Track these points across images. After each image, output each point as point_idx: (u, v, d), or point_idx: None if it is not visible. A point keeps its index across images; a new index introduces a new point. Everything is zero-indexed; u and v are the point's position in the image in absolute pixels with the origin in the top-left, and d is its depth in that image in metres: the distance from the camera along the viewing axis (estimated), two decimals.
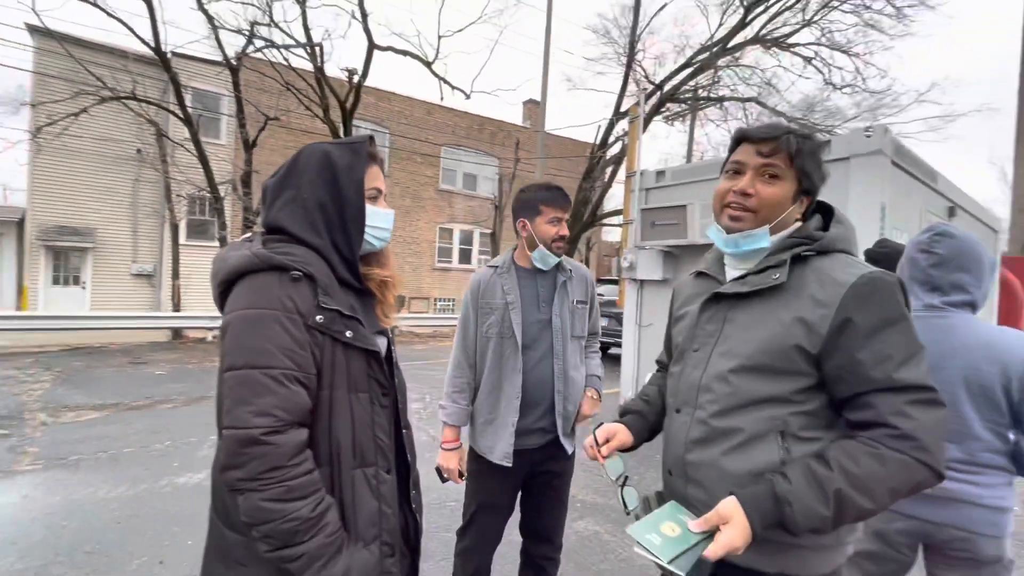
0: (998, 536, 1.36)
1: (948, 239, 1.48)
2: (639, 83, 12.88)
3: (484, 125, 19.95)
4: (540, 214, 1.72)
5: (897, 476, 0.83)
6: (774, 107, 12.21)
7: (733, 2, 11.24)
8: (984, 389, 1.35)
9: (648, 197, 6.14)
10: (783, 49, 11.45)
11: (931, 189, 5.34)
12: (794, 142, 0.98)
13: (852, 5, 10.47)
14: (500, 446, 1.69)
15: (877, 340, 0.87)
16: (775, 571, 0.95)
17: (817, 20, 11.20)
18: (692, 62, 12.43)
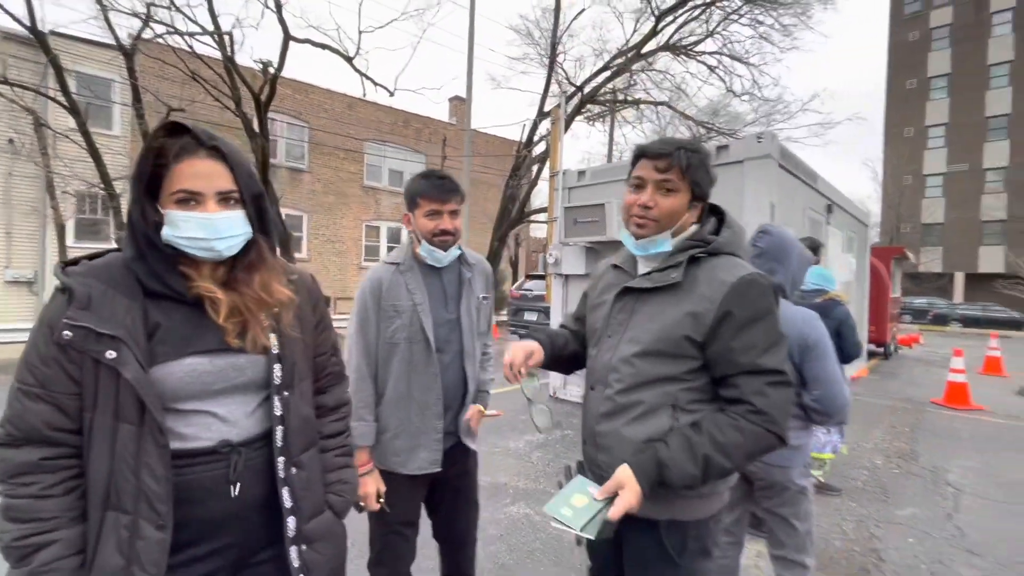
0: (787, 466, 1.78)
1: (767, 236, 1.82)
2: (561, 84, 13.32)
3: (410, 121, 19.63)
4: (418, 207, 1.57)
5: (752, 443, 1.04)
6: (683, 111, 13.11)
7: (645, 11, 11.92)
8: None
9: (570, 195, 6.42)
10: (690, 57, 12.35)
11: (812, 189, 6.06)
12: (685, 157, 1.14)
13: (748, 19, 11.50)
14: (422, 455, 1.56)
15: (747, 332, 1.07)
16: (667, 518, 1.14)
17: (719, 31, 12.17)
18: (610, 66, 13.03)
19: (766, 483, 1.84)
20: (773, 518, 1.88)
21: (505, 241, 15.93)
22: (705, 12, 12.12)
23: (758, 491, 1.89)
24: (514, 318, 10.57)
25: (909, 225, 33.85)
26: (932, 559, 2.78)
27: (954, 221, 33.16)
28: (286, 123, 16.35)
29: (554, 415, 1.25)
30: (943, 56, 34.18)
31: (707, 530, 1.17)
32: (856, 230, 8.31)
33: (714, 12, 12.20)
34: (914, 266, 21.60)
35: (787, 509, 1.83)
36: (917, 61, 35.12)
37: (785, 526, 1.85)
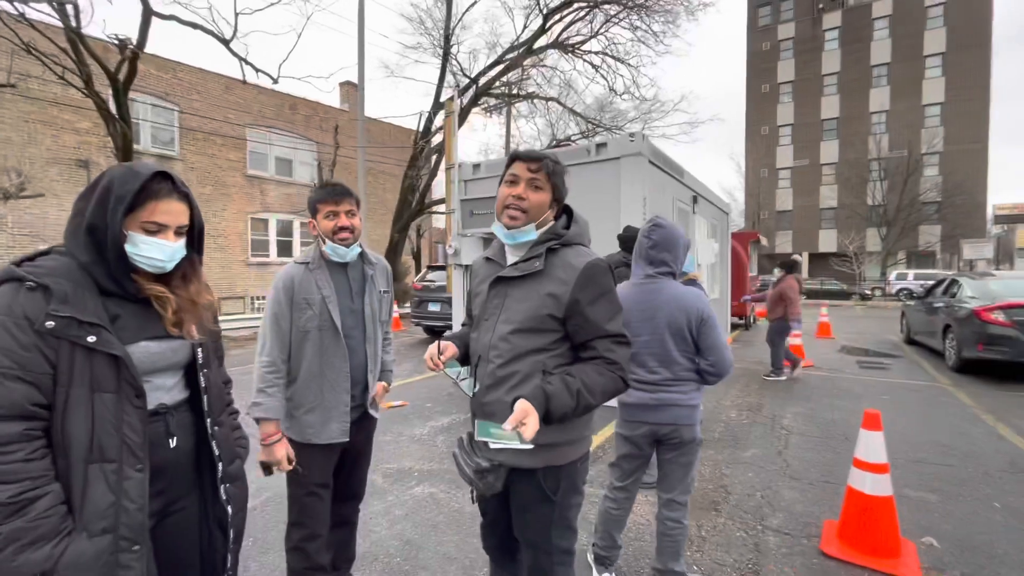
0: (692, 423, 2.11)
1: (660, 229, 2.14)
2: (456, 76, 13.38)
3: (297, 106, 18.41)
4: (317, 212, 1.85)
5: (609, 385, 1.32)
6: (571, 107, 13.87)
7: (534, 9, 12.38)
8: (678, 329, 2.05)
9: (467, 188, 6.61)
10: (576, 55, 13.07)
11: (680, 182, 6.84)
12: (551, 164, 1.42)
13: (627, 23, 12.45)
14: (333, 426, 1.82)
15: (596, 305, 1.35)
16: (543, 465, 1.39)
17: (602, 33, 12.98)
18: (503, 59, 13.34)
19: (678, 440, 2.12)
20: (672, 466, 2.17)
21: (406, 233, 15.72)
22: (590, 14, 12.86)
23: (667, 447, 2.16)
24: (418, 310, 10.56)
25: (767, 212, 38.81)
26: (764, 487, 3.44)
27: (800, 208, 38.64)
28: (150, 105, 14.59)
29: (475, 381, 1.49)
30: (789, 65, 39.33)
31: (576, 470, 1.44)
32: (718, 218, 9.48)
33: (598, 14, 13.02)
34: (768, 248, 24.84)
35: (685, 458, 2.15)
36: (769, 68, 40.03)
37: (680, 472, 2.16)
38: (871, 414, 2.65)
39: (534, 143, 16.97)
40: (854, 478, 2.63)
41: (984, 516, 3.02)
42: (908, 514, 3.03)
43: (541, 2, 12.02)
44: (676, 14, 12.02)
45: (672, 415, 2.08)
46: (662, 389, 2.09)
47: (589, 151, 5.66)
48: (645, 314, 2.09)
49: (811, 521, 2.95)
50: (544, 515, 1.41)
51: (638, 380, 2.13)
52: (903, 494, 3.31)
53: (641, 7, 11.65)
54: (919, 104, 34.50)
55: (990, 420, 4.91)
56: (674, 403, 2.08)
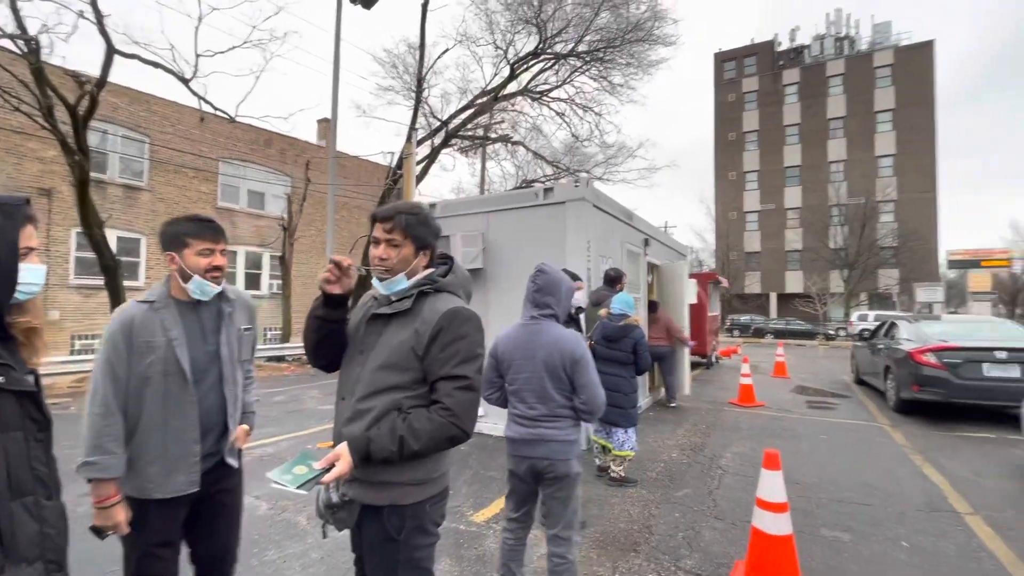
0: (567, 458, 2.20)
1: (543, 275, 2.30)
2: (427, 118, 13.81)
3: (273, 141, 18.65)
4: (188, 247, 1.72)
5: (437, 431, 1.36)
6: (537, 150, 14.38)
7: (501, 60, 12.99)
8: (554, 368, 2.18)
9: None
10: (543, 103, 13.67)
11: (629, 226, 7.12)
12: (404, 219, 1.49)
13: (589, 75, 13.14)
14: (179, 478, 1.66)
15: (449, 348, 1.41)
16: (388, 503, 1.42)
17: (568, 82, 13.64)
18: (473, 104, 13.85)
19: (555, 474, 2.21)
20: (552, 501, 2.26)
21: None
22: (556, 64, 13.54)
23: (547, 482, 2.25)
24: None
25: (736, 253, 40.03)
26: (688, 527, 3.48)
27: (767, 250, 40.00)
28: (120, 136, 14.59)
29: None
30: (753, 115, 41.58)
31: (423, 511, 1.45)
32: (676, 259, 9.81)
33: (564, 64, 13.72)
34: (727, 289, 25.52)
35: (563, 493, 2.23)
36: (735, 118, 42.23)
37: (560, 507, 2.23)
38: (770, 454, 2.75)
39: (504, 184, 17.43)
40: (757, 517, 2.69)
41: (890, 555, 3.10)
42: (819, 553, 3.10)
43: (508, 53, 12.66)
44: (633, 69, 12.80)
45: (547, 450, 2.17)
46: (539, 424, 2.19)
47: (538, 195, 5.88)
48: (527, 353, 2.22)
49: (725, 562, 2.98)
50: (389, 555, 1.42)
51: (520, 415, 2.25)
52: (819, 533, 3.39)
53: (600, 60, 12.36)
54: (872, 155, 36.69)
55: (918, 460, 5.07)
56: (550, 438, 2.17)
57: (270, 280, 18.45)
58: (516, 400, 2.26)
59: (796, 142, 39.60)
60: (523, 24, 12.45)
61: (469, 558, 3.00)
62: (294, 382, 10.31)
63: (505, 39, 13.00)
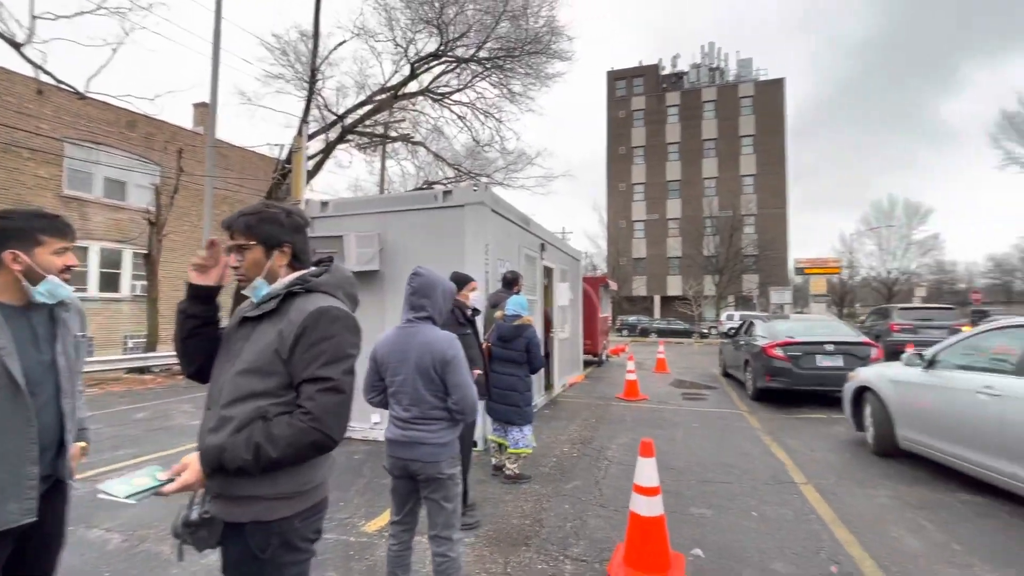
0: (438, 460, 2.23)
1: (418, 277, 2.32)
2: (321, 110, 13.10)
3: (137, 123, 16.42)
4: (41, 244, 1.55)
5: (298, 437, 1.28)
6: (438, 152, 14.33)
7: (402, 59, 12.76)
8: (425, 370, 2.21)
9: (314, 225, 6.40)
10: (443, 105, 13.65)
11: (526, 231, 7.37)
12: (243, 222, 1.43)
13: (490, 81, 13.39)
14: (12, 507, 1.46)
15: (313, 349, 1.35)
16: (250, 520, 1.32)
17: (469, 87, 13.76)
18: (372, 100, 13.40)
19: (425, 476, 2.24)
20: (429, 503, 2.28)
21: None
22: (458, 67, 13.58)
23: (421, 483, 2.27)
24: None
25: (625, 258, 43.10)
26: (576, 517, 3.69)
27: (652, 256, 43.60)
28: None
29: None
30: (641, 132, 45.10)
31: (292, 527, 1.36)
32: (569, 264, 10.33)
33: (466, 69, 13.81)
34: (617, 291, 27.43)
35: (439, 494, 2.25)
36: (625, 133, 45.49)
37: (437, 508, 2.26)
38: (646, 443, 3.02)
39: (405, 184, 17.09)
40: (634, 502, 2.95)
41: (743, 524, 3.56)
42: (687, 529, 3.46)
43: (409, 52, 12.46)
44: (531, 80, 13.30)
45: (419, 452, 2.20)
46: (412, 427, 2.22)
47: (437, 197, 5.87)
48: (402, 355, 2.24)
49: (607, 546, 3.21)
50: (253, 575, 1.34)
51: (396, 417, 2.27)
52: (688, 512, 3.78)
53: (501, 68, 12.65)
54: (738, 174, 41.72)
55: (767, 440, 5.86)
56: (422, 440, 2.20)
57: (132, 281, 16.23)
58: (394, 402, 2.28)
59: (677, 159, 43.72)
60: (424, 24, 12.33)
61: (359, 570, 2.91)
62: (160, 396, 9.17)
63: (405, 37, 12.79)
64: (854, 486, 4.31)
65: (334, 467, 1.54)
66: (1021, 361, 3.74)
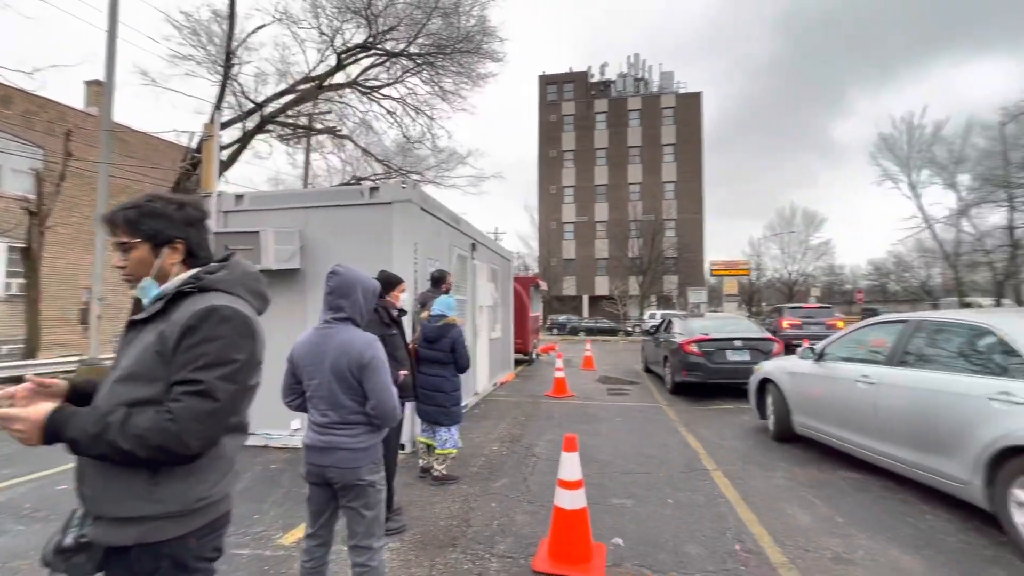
0: (358, 466, 2.14)
1: (336, 276, 2.24)
2: (237, 97, 12.24)
3: (13, 98, 14.46)
4: None
5: (151, 431, 1.15)
6: (366, 146, 13.88)
7: (327, 48, 12.22)
8: (341, 373, 2.13)
9: (228, 220, 5.97)
10: (373, 99, 13.23)
11: (457, 230, 7.33)
12: (122, 217, 1.32)
13: (423, 78, 13.17)
14: None
15: (192, 350, 1.24)
16: (134, 542, 1.21)
17: (400, 81, 13.44)
18: (295, 89, 12.72)
19: (342, 484, 2.13)
20: (348, 511, 2.17)
21: None
22: (387, 61, 13.22)
23: (340, 491, 2.16)
24: None
25: (555, 259, 44.12)
26: (503, 514, 3.72)
27: (581, 257, 44.96)
28: None
29: None
30: (571, 136, 46.35)
31: (185, 548, 1.26)
32: (500, 264, 10.41)
33: (396, 64, 13.48)
34: (547, 291, 28.13)
35: (358, 502, 2.15)
36: (556, 137, 46.54)
37: (356, 516, 2.16)
38: (569, 438, 3.11)
39: (331, 179, 16.38)
40: (557, 496, 3.02)
41: (660, 512, 3.77)
42: (609, 520, 3.60)
43: (335, 41, 11.95)
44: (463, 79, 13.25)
45: (337, 458, 2.12)
46: (330, 432, 2.13)
47: (363, 194, 5.69)
48: (318, 358, 2.15)
49: (533, 541, 3.27)
50: None
51: (313, 422, 2.18)
52: (610, 503, 3.94)
53: (432, 65, 12.50)
54: (660, 181, 44.07)
55: (683, 431, 6.25)
56: (340, 446, 2.12)
57: (7, 279, 14.28)
58: (311, 407, 2.19)
59: (605, 163, 45.42)
60: (352, 14, 11.86)
61: None
62: None
63: (332, 26, 12.23)
64: (756, 470, 4.70)
65: (237, 479, 1.43)
66: (891, 353, 4.27)
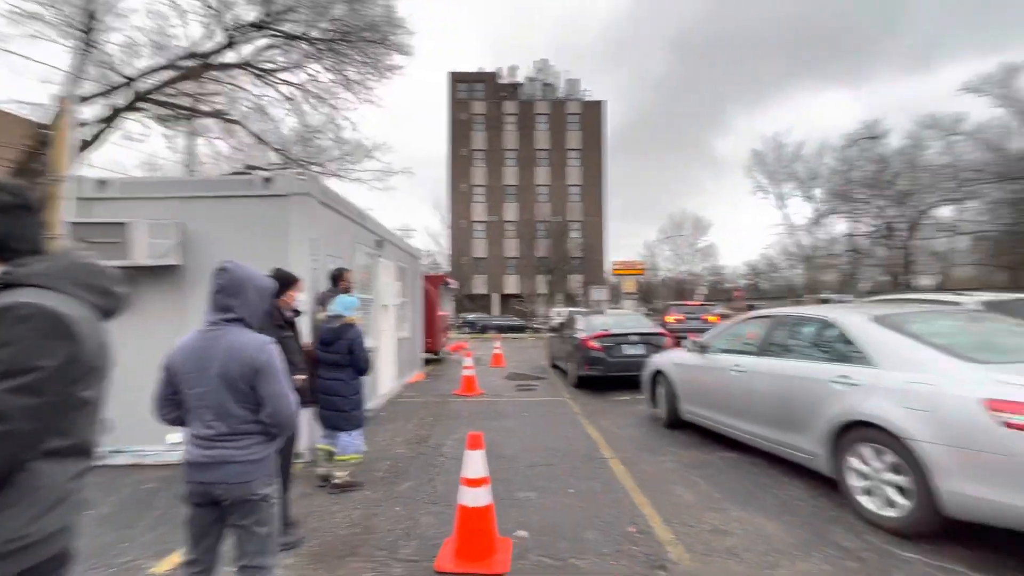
0: (249, 480, 1.97)
1: (225, 273, 2.04)
2: (103, 68, 10.74)
3: None
4: None
5: None
6: (260, 134, 12.86)
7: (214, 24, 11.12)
8: (232, 380, 1.94)
9: (91, 209, 5.20)
10: (269, 83, 12.29)
11: (362, 227, 7.05)
12: None
13: (325, 65, 12.47)
14: None
15: None
16: None
17: (301, 66, 12.61)
18: (175, 66, 11.42)
19: (232, 500, 1.94)
20: (238, 530, 1.98)
21: None
22: (286, 44, 12.34)
23: (228, 509, 1.97)
24: None
25: (466, 257, 44.14)
26: (407, 518, 3.65)
27: (491, 256, 45.40)
28: None
29: None
30: (481, 136, 46.58)
31: None
32: (408, 262, 10.19)
33: (296, 48, 12.61)
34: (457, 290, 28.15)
35: (249, 519, 1.97)
36: (466, 135, 46.50)
37: (248, 535, 1.98)
38: (473, 436, 3.13)
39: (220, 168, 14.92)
40: (462, 495, 3.03)
41: (563, 501, 3.93)
42: (514, 513, 3.68)
43: (225, 17, 10.88)
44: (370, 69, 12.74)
45: (226, 472, 1.94)
46: (217, 445, 1.94)
47: (255, 184, 5.26)
48: (201, 364, 1.95)
49: (438, 542, 3.24)
50: None
51: (196, 436, 1.97)
52: (515, 497, 4.03)
53: (335, 51, 11.87)
54: (566, 184, 45.87)
55: (585, 423, 6.57)
56: (229, 459, 1.95)
57: None
58: (193, 419, 1.97)
59: (514, 164, 46.25)
60: None
61: None
62: None
63: None
64: (648, 455, 5.08)
65: (77, 511, 1.24)
66: (760, 344, 4.83)
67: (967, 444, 2.86)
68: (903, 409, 3.20)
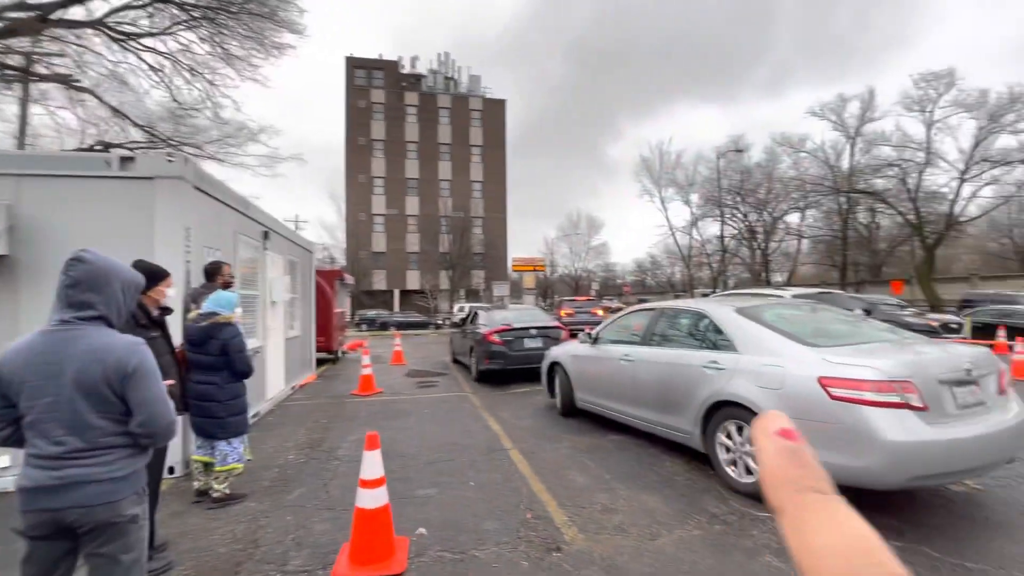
0: (113, 500, 1.70)
1: (81, 264, 1.75)
2: None
3: None
4: None
5: None
6: (118, 106, 11.22)
7: None
8: (93, 387, 1.68)
9: None
10: (129, 49, 10.72)
11: (245, 216, 6.45)
12: None
13: (201, 35, 11.16)
14: None
15: None
16: None
17: (170, 33, 11.18)
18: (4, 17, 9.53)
19: (92, 525, 1.66)
20: (96, 560, 1.70)
21: None
22: (151, 6, 10.85)
23: (84, 538, 1.68)
24: None
25: (365, 252, 42.34)
26: (299, 527, 3.44)
27: (392, 251, 44.06)
28: None
29: None
30: (381, 126, 44.90)
31: None
32: (300, 255, 9.52)
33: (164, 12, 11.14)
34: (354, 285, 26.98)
35: (113, 545, 1.70)
36: (365, 124, 44.55)
37: (110, 564, 1.70)
38: (370, 436, 3.04)
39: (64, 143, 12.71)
40: (359, 497, 2.92)
41: (463, 495, 3.95)
42: (414, 511, 3.63)
43: None
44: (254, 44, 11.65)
45: (83, 494, 1.66)
46: (69, 464, 1.65)
47: (110, 164, 4.58)
48: (50, 370, 1.65)
49: (333, 549, 3.10)
50: None
51: (39, 456, 1.65)
52: (415, 494, 3.97)
53: (212, 21, 10.66)
54: (468, 179, 45.91)
55: (486, 415, 6.66)
56: (87, 479, 1.67)
57: None
58: (34, 435, 1.64)
59: (415, 157, 45.24)
60: None
61: None
62: None
63: None
64: (545, 443, 5.29)
65: None
66: (644, 334, 5.25)
67: (808, 415, 3.36)
68: (759, 388, 3.68)
